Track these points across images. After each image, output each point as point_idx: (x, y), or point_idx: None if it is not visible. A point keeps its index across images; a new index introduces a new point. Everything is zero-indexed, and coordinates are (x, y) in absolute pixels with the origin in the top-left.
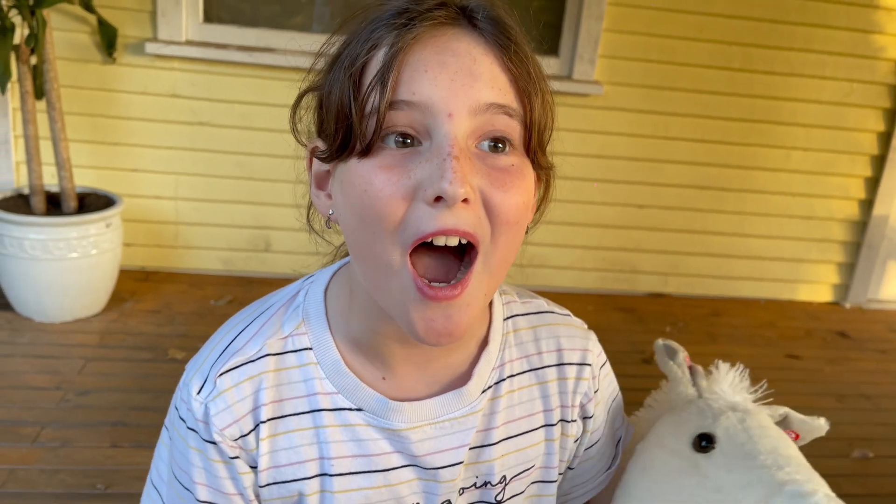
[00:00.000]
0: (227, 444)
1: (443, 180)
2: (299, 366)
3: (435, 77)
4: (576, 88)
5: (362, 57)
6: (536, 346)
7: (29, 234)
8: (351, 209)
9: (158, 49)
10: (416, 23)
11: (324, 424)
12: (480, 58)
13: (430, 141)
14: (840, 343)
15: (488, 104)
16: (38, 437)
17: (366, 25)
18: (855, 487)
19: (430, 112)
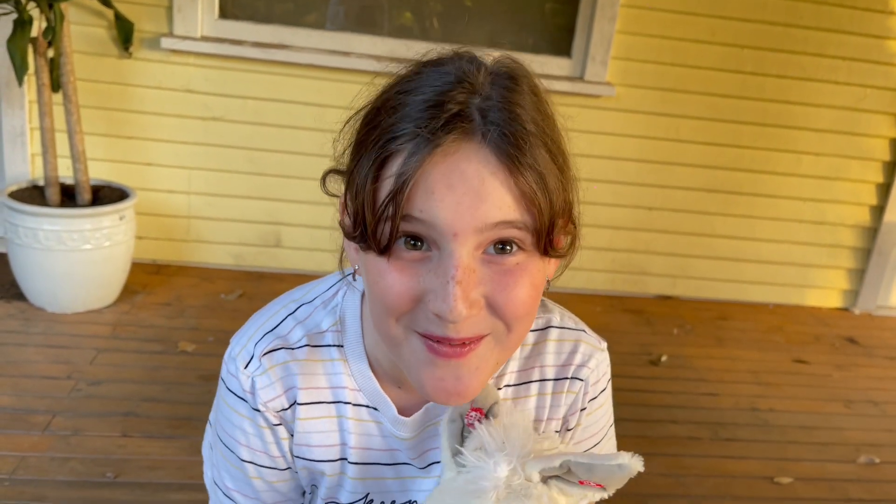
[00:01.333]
0: (271, 413)
1: (444, 304)
2: (331, 360)
3: (442, 199)
4: (587, 90)
5: (376, 171)
6: (539, 359)
7: (43, 224)
8: (368, 288)
9: (174, 44)
10: (429, 145)
11: (347, 416)
12: (489, 179)
13: (438, 251)
14: (849, 349)
15: (495, 223)
16: (49, 426)
17: (387, 125)
18: (861, 492)
19: (436, 230)
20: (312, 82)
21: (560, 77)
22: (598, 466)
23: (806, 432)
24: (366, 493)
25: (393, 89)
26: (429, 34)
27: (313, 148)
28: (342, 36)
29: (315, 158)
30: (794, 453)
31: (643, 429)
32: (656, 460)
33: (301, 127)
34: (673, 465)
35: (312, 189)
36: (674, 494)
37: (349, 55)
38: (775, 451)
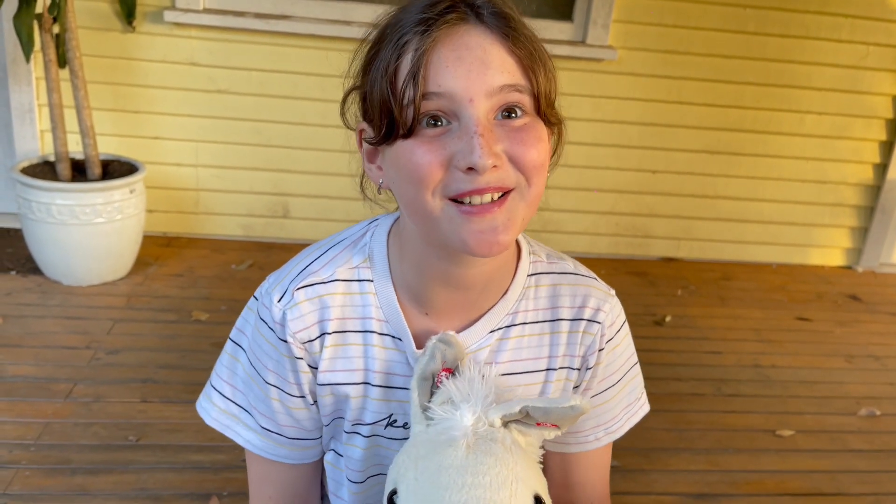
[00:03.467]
0: (296, 345)
1: (472, 154)
2: (361, 293)
3: (455, 70)
4: (590, 53)
5: (394, 62)
6: (554, 301)
7: (56, 199)
8: (400, 176)
9: (177, 17)
10: (433, 28)
11: (373, 343)
12: (490, 48)
13: (457, 122)
14: (851, 306)
15: (501, 86)
16: (71, 393)
17: (393, 32)
18: (861, 443)
19: (454, 99)
20: (315, 52)
21: (562, 41)
22: (553, 409)
23: (807, 387)
24: (389, 414)
25: (391, 13)
26: None
27: (318, 118)
28: (343, 5)
29: (320, 129)
30: (796, 407)
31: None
32: (661, 416)
33: (306, 98)
34: (677, 420)
35: (319, 159)
36: (677, 448)
37: (351, 24)
38: (777, 405)
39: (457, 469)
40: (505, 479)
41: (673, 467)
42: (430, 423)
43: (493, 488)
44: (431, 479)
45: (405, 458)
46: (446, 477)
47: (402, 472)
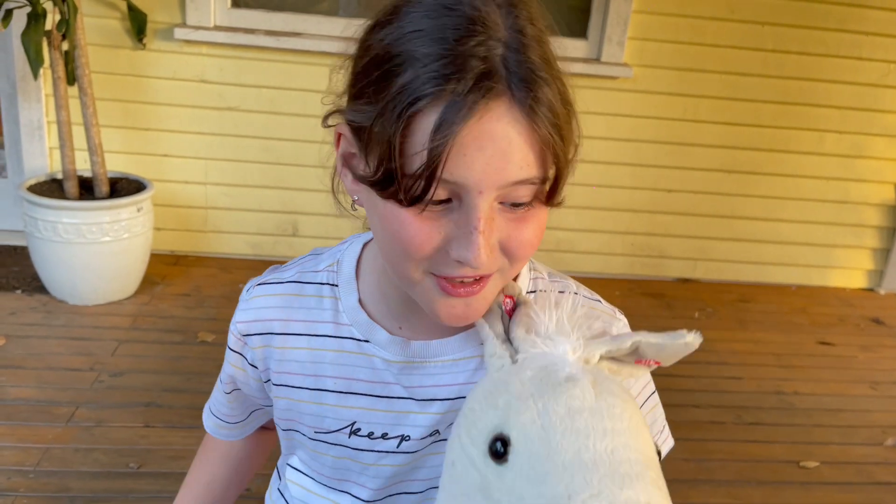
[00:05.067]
0: (236, 336)
1: (468, 252)
2: (319, 296)
3: (472, 161)
4: (605, 71)
5: (406, 116)
6: None
7: (63, 218)
8: (385, 233)
9: (187, 34)
10: (469, 109)
11: (328, 348)
12: (514, 137)
13: (459, 202)
14: (874, 330)
15: (513, 181)
16: (72, 417)
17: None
18: (888, 475)
19: (464, 188)
20: (326, 70)
21: (576, 59)
22: (668, 345)
23: (831, 415)
24: (352, 422)
25: (395, 28)
26: None
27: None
28: (355, 22)
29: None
30: (820, 437)
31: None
32: (679, 445)
33: (315, 115)
34: (696, 449)
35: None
36: (697, 479)
37: None
38: (800, 434)
39: (591, 412)
40: (639, 423)
41: (693, 500)
42: (518, 359)
43: (633, 434)
44: (563, 424)
45: (508, 398)
46: (581, 421)
47: (511, 415)
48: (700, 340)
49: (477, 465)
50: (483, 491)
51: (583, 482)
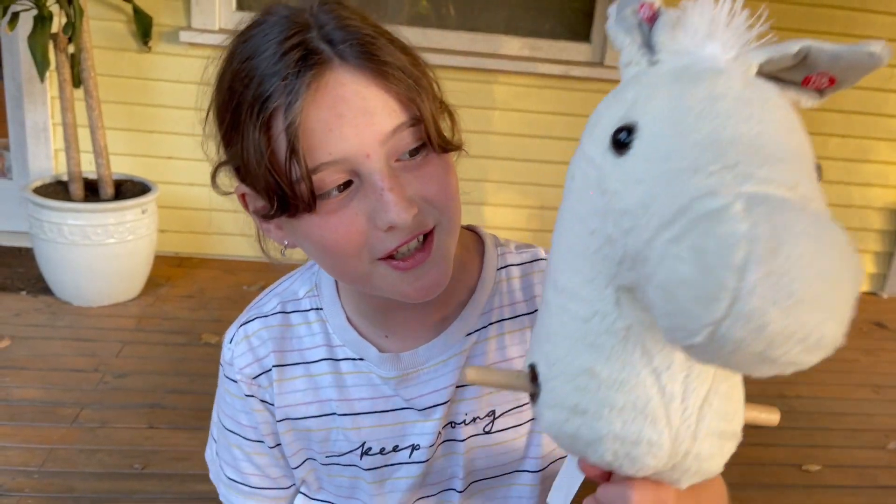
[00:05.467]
0: (245, 382)
1: (389, 213)
2: (307, 322)
3: (341, 131)
4: (607, 75)
5: (264, 136)
6: (528, 291)
7: (68, 219)
8: (315, 248)
9: (192, 37)
10: (299, 86)
11: (328, 371)
12: (367, 92)
13: (359, 179)
14: (877, 333)
15: (392, 130)
16: (77, 418)
17: (250, 90)
18: (891, 479)
19: (350, 161)
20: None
21: (580, 62)
22: (844, 54)
23: (834, 419)
24: (361, 442)
25: (234, 62)
26: (445, 22)
27: None
28: None
29: None
30: (823, 440)
31: None
32: None
33: None
34: None
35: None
36: None
37: None
38: (803, 438)
39: (736, 99)
40: (796, 125)
41: None
42: (657, 59)
43: (785, 131)
44: (700, 105)
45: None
46: (724, 105)
47: (640, 103)
48: (890, 55)
49: (595, 162)
50: (599, 187)
51: (714, 156)
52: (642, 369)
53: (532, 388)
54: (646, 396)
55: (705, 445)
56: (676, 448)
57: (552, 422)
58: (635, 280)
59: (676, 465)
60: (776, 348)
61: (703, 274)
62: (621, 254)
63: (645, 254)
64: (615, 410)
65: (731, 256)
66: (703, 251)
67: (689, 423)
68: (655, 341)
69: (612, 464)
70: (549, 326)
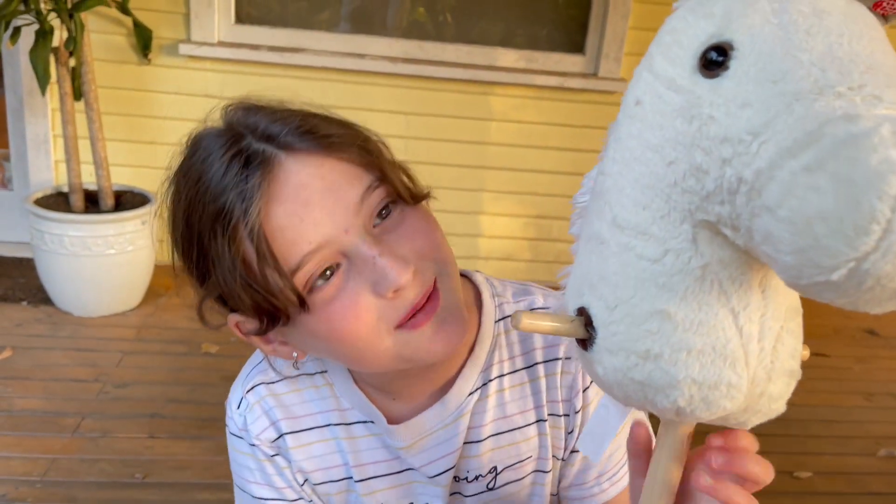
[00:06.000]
0: (265, 446)
1: (389, 278)
2: (315, 387)
3: (312, 217)
4: (602, 86)
5: (237, 256)
6: (526, 344)
7: (69, 231)
8: (327, 343)
9: (192, 50)
10: (253, 193)
11: (342, 436)
12: (323, 171)
13: (347, 259)
14: (869, 341)
15: (360, 197)
16: (78, 428)
17: (209, 214)
18: (881, 486)
19: (332, 242)
20: (328, 84)
21: (574, 74)
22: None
23: (826, 426)
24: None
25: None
26: (443, 35)
27: None
28: (357, 38)
29: None
30: (814, 447)
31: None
32: None
33: None
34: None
35: None
36: None
37: (364, 57)
38: (795, 445)
39: (843, 14)
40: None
41: None
42: None
43: (890, 50)
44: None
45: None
46: (832, 21)
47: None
48: None
49: (679, 85)
50: (685, 113)
51: (837, 76)
52: (720, 310)
53: (586, 333)
54: (725, 338)
55: (778, 385)
56: (753, 389)
57: (616, 368)
58: (730, 214)
59: (749, 406)
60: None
61: (849, 205)
62: (713, 186)
63: (759, 184)
64: (693, 353)
65: (886, 184)
66: (849, 180)
67: (766, 363)
68: (732, 280)
69: (683, 409)
70: (605, 267)
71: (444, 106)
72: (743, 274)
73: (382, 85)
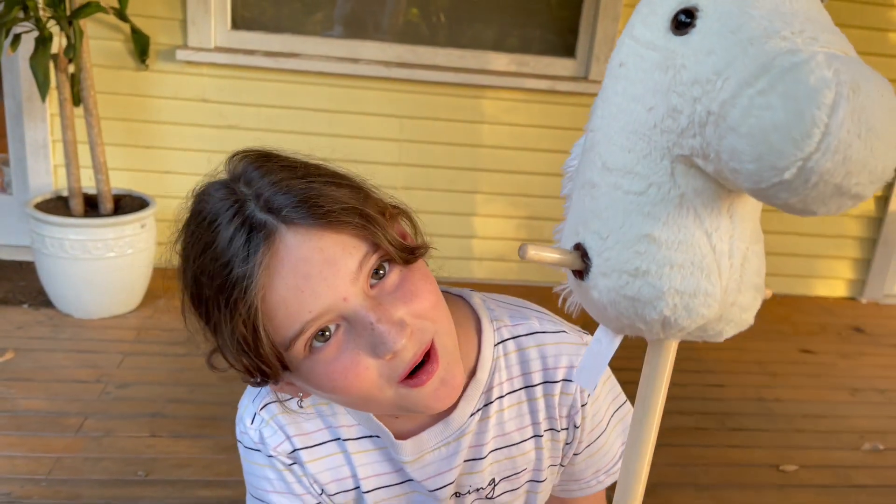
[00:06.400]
0: (283, 457)
1: (386, 343)
2: (323, 404)
3: (312, 289)
4: (592, 89)
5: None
6: (525, 366)
7: (69, 234)
8: (331, 394)
9: (189, 56)
10: (255, 270)
11: (350, 451)
12: (322, 244)
13: (346, 321)
14: (855, 338)
15: (357, 267)
16: (81, 427)
17: (214, 287)
18: (866, 479)
19: (331, 310)
20: (323, 89)
21: (565, 77)
22: None
23: (811, 420)
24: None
25: (191, 258)
26: (435, 39)
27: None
28: (350, 43)
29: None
30: (800, 441)
31: None
32: (664, 451)
33: (314, 133)
34: (680, 455)
35: None
36: (681, 483)
37: (358, 62)
38: (781, 439)
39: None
40: None
41: (677, 503)
42: None
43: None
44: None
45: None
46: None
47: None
48: None
49: (655, 44)
50: (661, 65)
51: (783, 24)
52: (696, 230)
53: (582, 263)
54: (701, 254)
55: (747, 296)
56: (726, 298)
57: (610, 288)
58: (700, 145)
59: (724, 314)
60: (852, 178)
61: (795, 115)
62: (686, 122)
63: (723, 111)
64: (675, 267)
65: (822, 97)
66: (794, 97)
67: (735, 276)
68: (705, 206)
69: (668, 318)
70: (596, 206)
71: (436, 109)
72: (714, 201)
73: (376, 89)
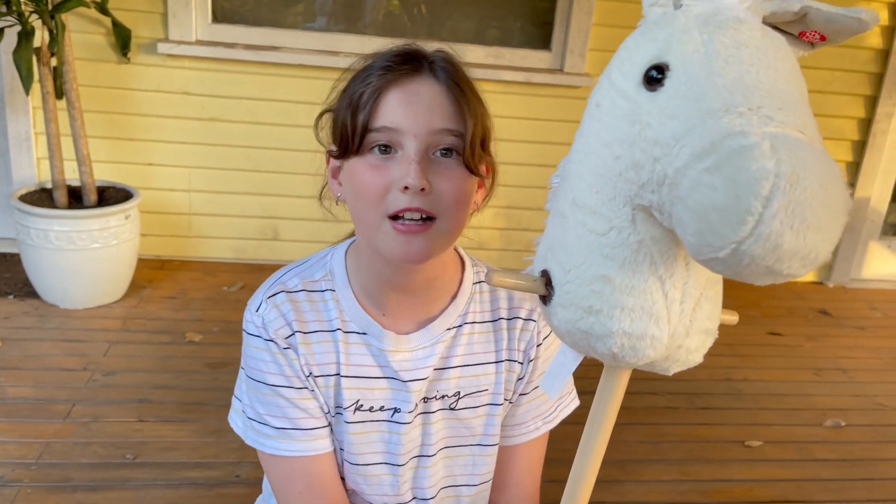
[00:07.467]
0: (280, 340)
1: (408, 177)
2: (324, 301)
3: (405, 111)
4: (567, 81)
5: (357, 95)
6: (495, 304)
7: (53, 226)
8: (352, 191)
9: (170, 49)
10: (392, 74)
11: (340, 341)
12: (436, 97)
13: (402, 151)
14: (821, 320)
15: (440, 129)
16: (70, 414)
17: (363, 72)
18: (827, 453)
19: (401, 133)
20: (303, 81)
21: (541, 70)
22: (838, 18)
23: (776, 399)
24: (356, 399)
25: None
26: (415, 32)
27: (307, 144)
28: (330, 36)
29: (308, 154)
30: (765, 419)
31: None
32: (636, 429)
33: (294, 125)
34: (651, 432)
35: (308, 183)
36: (651, 459)
37: (337, 54)
38: (747, 417)
39: (757, 48)
40: (799, 77)
41: (646, 478)
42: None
43: (794, 80)
44: (727, 52)
45: (670, 32)
46: (747, 54)
47: (673, 45)
48: (877, 22)
49: (628, 95)
50: (629, 118)
51: (741, 99)
52: (650, 276)
53: (546, 290)
54: (652, 299)
55: (695, 340)
56: (673, 342)
57: (567, 319)
58: (657, 201)
59: (670, 356)
60: (783, 263)
61: (734, 200)
62: (646, 178)
63: (676, 179)
64: (626, 311)
65: (759, 188)
66: (735, 182)
67: (685, 321)
68: (661, 254)
69: (616, 355)
70: (564, 238)
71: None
72: (670, 249)
73: None
